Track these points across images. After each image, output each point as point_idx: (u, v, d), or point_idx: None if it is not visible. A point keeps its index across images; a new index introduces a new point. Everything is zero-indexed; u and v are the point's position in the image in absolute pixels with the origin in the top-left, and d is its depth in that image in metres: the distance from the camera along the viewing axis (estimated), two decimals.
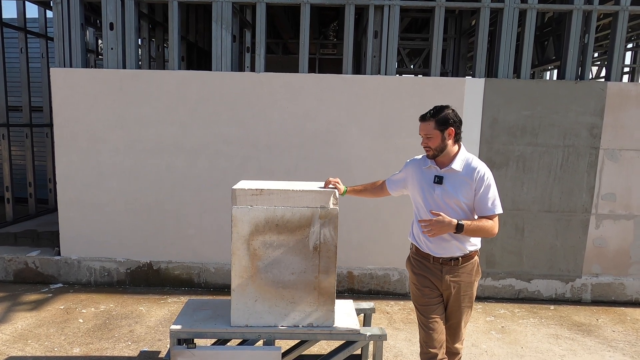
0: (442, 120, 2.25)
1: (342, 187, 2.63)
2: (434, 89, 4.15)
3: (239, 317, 2.56)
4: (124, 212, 4.41)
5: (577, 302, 4.40)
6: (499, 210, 2.27)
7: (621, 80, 4.22)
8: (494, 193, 2.27)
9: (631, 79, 8.49)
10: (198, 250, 4.45)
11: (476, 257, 2.38)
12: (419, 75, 7.87)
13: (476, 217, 2.30)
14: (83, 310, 3.92)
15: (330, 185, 2.60)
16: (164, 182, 4.37)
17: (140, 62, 5.01)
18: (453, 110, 2.29)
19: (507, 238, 4.31)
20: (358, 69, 6.48)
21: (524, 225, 4.28)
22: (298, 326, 2.56)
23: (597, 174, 4.20)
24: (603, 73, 8.94)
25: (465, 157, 2.31)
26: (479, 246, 2.38)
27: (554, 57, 5.62)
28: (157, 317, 3.84)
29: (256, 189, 2.50)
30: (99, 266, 4.51)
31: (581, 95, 4.11)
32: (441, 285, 2.35)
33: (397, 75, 4.39)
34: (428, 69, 4.34)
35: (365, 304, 3.00)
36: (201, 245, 4.44)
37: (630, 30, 6.70)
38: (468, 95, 4.14)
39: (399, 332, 3.67)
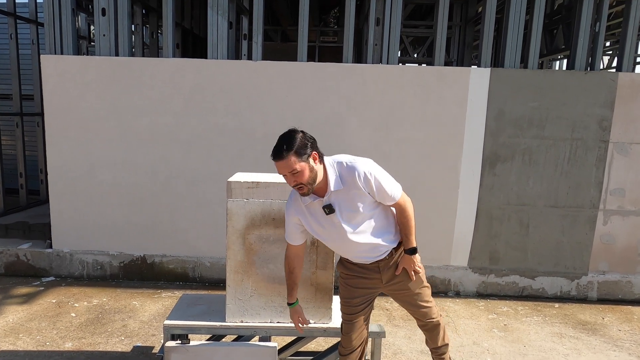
0: (301, 148, 1.91)
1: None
2: (438, 79, 4.02)
3: (234, 312, 2.54)
4: (117, 204, 4.31)
5: (582, 300, 4.31)
6: (400, 191, 2.11)
7: (633, 70, 4.08)
8: (386, 180, 2.05)
9: None
10: (193, 244, 4.36)
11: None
12: (422, 65, 7.73)
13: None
14: (75, 304, 3.85)
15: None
16: (158, 174, 4.26)
17: (133, 50, 4.88)
18: (301, 131, 1.97)
19: (512, 234, 4.20)
20: (359, 57, 6.34)
21: (529, 221, 4.17)
22: None
23: (606, 168, 4.08)
24: (614, 63, 8.76)
25: (334, 171, 2.03)
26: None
27: (563, 46, 5.47)
28: (151, 311, 3.77)
29: (252, 182, 2.45)
30: (91, 259, 4.42)
31: (591, 86, 3.97)
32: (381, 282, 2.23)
33: (400, 64, 4.26)
34: (432, 58, 4.20)
35: None
36: (196, 239, 4.35)
37: None
38: (473, 85, 4.01)
39: (398, 329, 3.60)
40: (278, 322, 2.53)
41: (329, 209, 2.03)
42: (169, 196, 4.29)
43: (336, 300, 2.79)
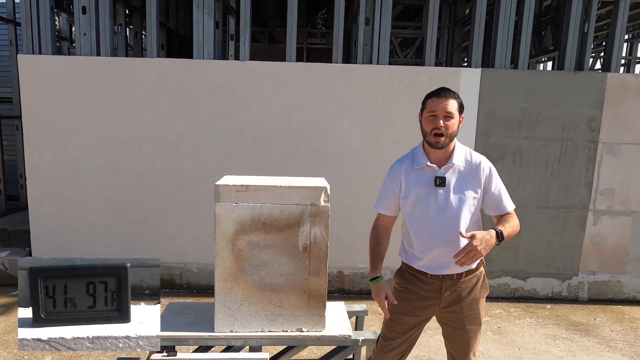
0: (462, 104, 1.91)
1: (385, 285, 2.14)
2: (429, 80, 3.97)
3: (223, 322, 2.43)
4: (100, 209, 4.16)
5: (573, 300, 4.31)
6: (513, 204, 2.02)
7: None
8: (504, 187, 2.00)
9: (627, 71, 8.43)
10: (180, 250, 4.24)
11: (482, 269, 2.05)
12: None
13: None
14: None
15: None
16: (143, 177, 4.13)
17: (116, 50, 4.74)
18: None
19: None
20: (348, 58, 6.28)
21: (520, 222, 4.14)
22: (286, 331, 2.45)
23: (595, 168, 4.09)
24: (597, 66, 8.85)
25: (463, 150, 1.99)
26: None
27: (551, 48, 5.50)
28: None
29: (241, 185, 2.35)
30: None
31: (580, 87, 3.98)
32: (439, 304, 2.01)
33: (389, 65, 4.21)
34: (421, 59, 4.18)
35: (358, 306, 2.85)
36: (183, 245, 4.23)
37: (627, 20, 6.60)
38: (464, 86, 3.98)
39: None
40: (269, 331, 2.45)
41: (441, 180, 1.92)
42: (155, 200, 4.16)
43: (330, 306, 2.72)
